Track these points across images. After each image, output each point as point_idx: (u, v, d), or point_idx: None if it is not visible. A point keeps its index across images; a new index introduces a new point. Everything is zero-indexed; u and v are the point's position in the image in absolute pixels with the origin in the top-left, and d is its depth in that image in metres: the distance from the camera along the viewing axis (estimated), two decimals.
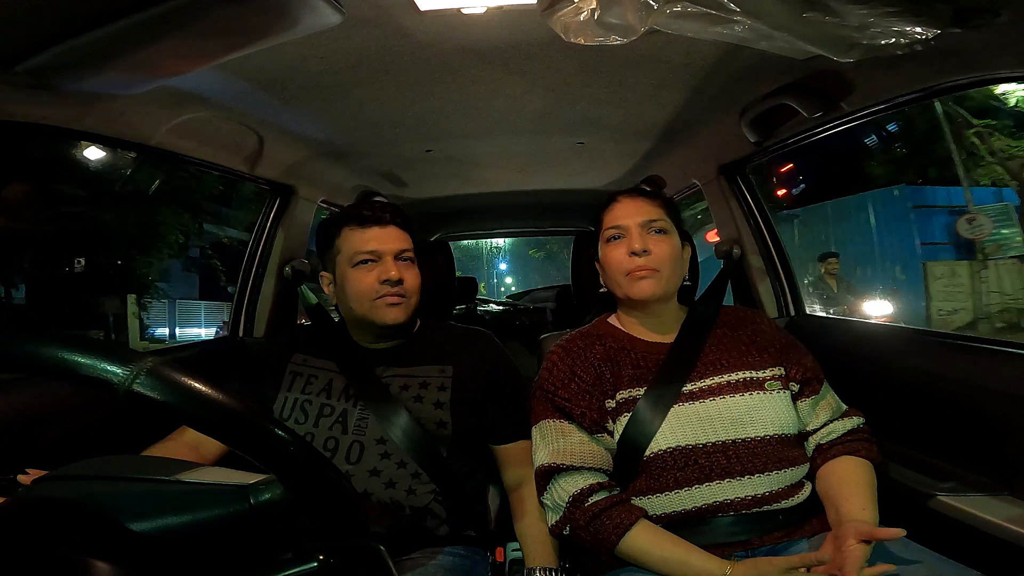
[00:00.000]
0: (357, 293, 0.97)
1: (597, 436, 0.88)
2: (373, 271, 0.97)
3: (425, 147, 1.66)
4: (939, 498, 0.87)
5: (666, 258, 0.93)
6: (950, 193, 7.57)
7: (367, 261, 0.98)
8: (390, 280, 0.96)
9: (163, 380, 0.37)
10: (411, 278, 1.00)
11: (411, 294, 1.00)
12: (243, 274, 1.63)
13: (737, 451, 0.83)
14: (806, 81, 1.11)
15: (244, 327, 1.60)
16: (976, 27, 0.74)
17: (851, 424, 0.90)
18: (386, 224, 1.00)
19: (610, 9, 0.72)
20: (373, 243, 0.98)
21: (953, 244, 7.38)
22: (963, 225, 7.07)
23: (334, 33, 0.89)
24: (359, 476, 0.90)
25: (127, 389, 0.36)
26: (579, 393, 0.91)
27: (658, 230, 0.94)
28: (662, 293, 0.93)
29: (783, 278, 1.59)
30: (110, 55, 0.83)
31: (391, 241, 0.99)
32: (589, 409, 0.89)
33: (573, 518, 0.83)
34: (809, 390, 0.92)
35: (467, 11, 0.88)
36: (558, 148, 1.74)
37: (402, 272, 0.98)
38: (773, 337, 0.96)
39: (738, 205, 1.63)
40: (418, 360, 1.01)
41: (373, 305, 0.97)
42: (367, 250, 0.98)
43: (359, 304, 0.98)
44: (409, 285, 0.99)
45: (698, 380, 0.89)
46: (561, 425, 0.90)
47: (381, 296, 0.96)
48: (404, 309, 0.98)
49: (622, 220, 0.95)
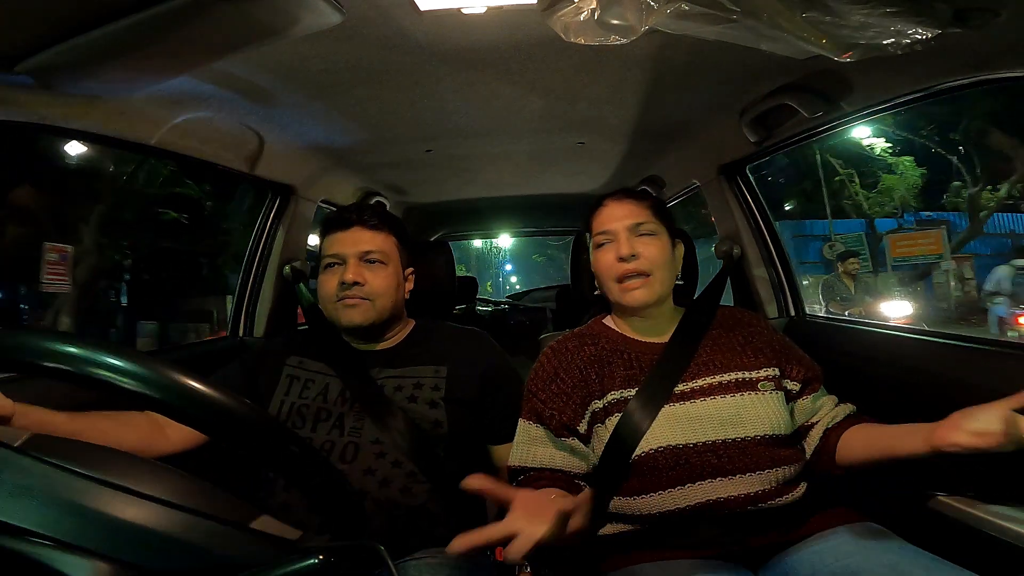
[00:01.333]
0: (322, 296, 1.01)
1: (563, 440, 0.90)
2: (336, 273, 0.99)
3: (425, 147, 1.66)
4: (939, 498, 0.87)
5: (655, 261, 0.93)
6: (825, 224, 12.11)
7: (332, 264, 1.00)
8: (345, 282, 0.97)
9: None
10: (376, 280, 0.99)
11: (376, 296, 0.99)
12: (243, 274, 1.63)
13: (728, 451, 0.83)
14: (806, 81, 1.11)
15: (244, 327, 1.60)
16: (976, 27, 0.74)
17: (848, 409, 0.92)
18: (350, 226, 1.01)
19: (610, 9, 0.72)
20: (336, 246, 1.00)
21: (822, 263, 11.06)
22: (826, 249, 10.62)
23: (334, 33, 0.89)
24: (354, 475, 0.90)
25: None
26: (556, 395, 0.92)
27: (646, 233, 0.94)
28: (654, 299, 0.94)
29: (783, 278, 1.59)
30: (110, 55, 0.83)
31: (355, 244, 1.00)
32: (560, 412, 0.91)
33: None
34: (811, 388, 0.93)
35: (467, 11, 0.88)
36: (558, 148, 1.74)
37: (365, 274, 0.98)
38: (769, 339, 0.96)
39: (738, 205, 1.63)
40: (412, 361, 1.01)
41: (335, 307, 0.99)
42: (331, 253, 1.01)
43: (324, 306, 1.02)
44: (374, 287, 0.99)
45: (691, 380, 0.90)
46: (531, 429, 0.92)
47: (340, 299, 0.98)
48: (363, 311, 0.98)
49: (608, 224, 0.96)
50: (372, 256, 1.01)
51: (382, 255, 1.02)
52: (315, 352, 1.03)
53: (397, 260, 1.05)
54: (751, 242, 1.61)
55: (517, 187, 2.22)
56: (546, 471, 0.89)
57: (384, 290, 1.00)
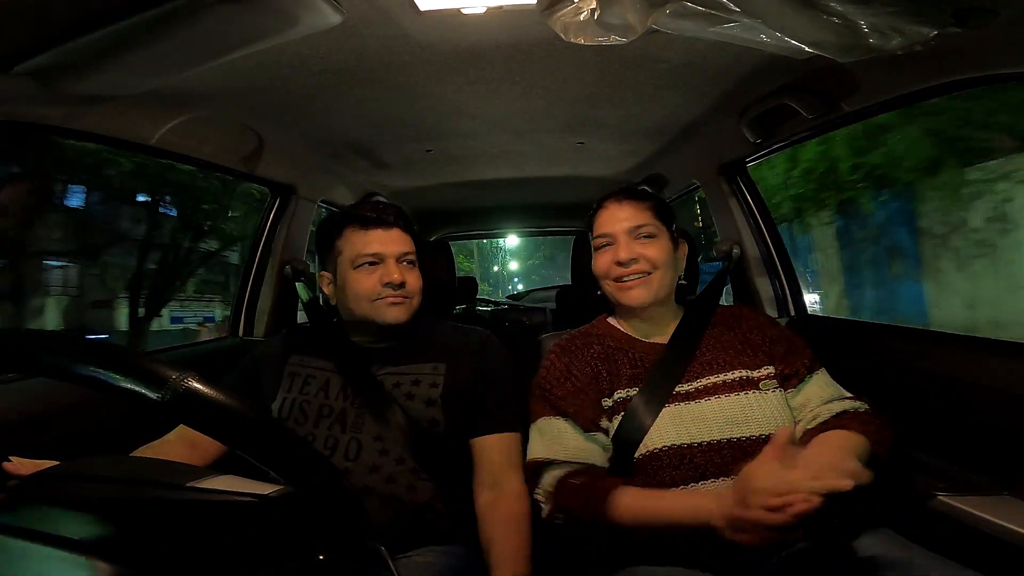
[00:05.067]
0: (357, 294, 0.98)
1: (591, 434, 0.88)
2: (375, 273, 0.98)
3: (425, 147, 1.66)
4: (939, 498, 0.87)
5: (656, 262, 0.93)
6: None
7: (371, 263, 0.98)
8: (392, 283, 0.97)
9: (199, 397, 0.41)
10: (413, 280, 1.01)
11: (413, 295, 1.01)
12: (243, 274, 1.63)
13: (732, 450, 0.83)
14: (806, 81, 1.11)
15: (244, 327, 1.60)
16: (976, 27, 0.74)
17: (844, 406, 0.85)
18: (390, 227, 1.01)
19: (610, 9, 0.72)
20: (375, 245, 0.98)
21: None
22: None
23: (334, 33, 0.89)
24: (358, 473, 0.90)
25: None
26: (574, 392, 0.91)
27: (646, 235, 0.94)
28: (653, 299, 0.93)
29: (784, 278, 1.59)
30: (110, 55, 0.83)
31: (394, 244, 1.00)
32: (583, 407, 0.89)
33: (562, 498, 0.83)
34: (793, 381, 0.90)
35: (467, 11, 0.88)
36: (558, 148, 1.74)
37: (404, 275, 0.99)
38: (766, 333, 0.96)
39: (738, 205, 1.63)
40: (412, 359, 1.01)
41: (373, 305, 0.97)
42: (369, 252, 0.98)
43: (359, 304, 0.99)
44: (411, 287, 1.00)
45: (694, 380, 0.89)
46: (556, 422, 0.90)
47: (382, 297, 0.97)
48: (406, 309, 0.99)
49: (608, 227, 0.96)
50: (409, 257, 1.02)
51: (415, 256, 1.03)
52: (316, 349, 1.03)
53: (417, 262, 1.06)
54: (751, 242, 1.61)
55: (517, 187, 2.22)
56: (578, 465, 0.86)
57: (418, 290, 1.02)
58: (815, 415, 0.86)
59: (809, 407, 0.87)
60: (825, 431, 0.81)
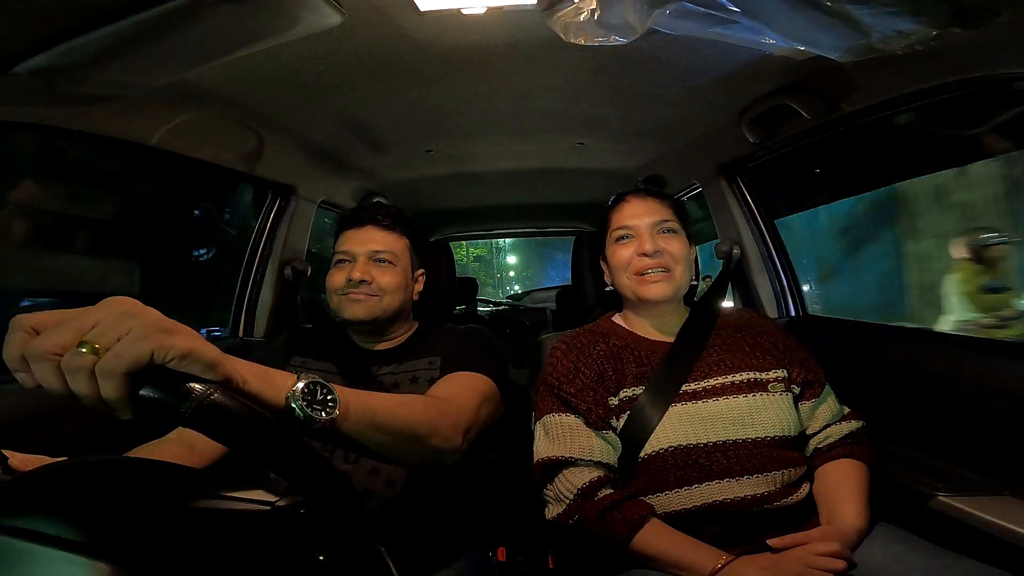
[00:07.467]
0: (328, 289, 1.03)
1: (602, 432, 0.88)
2: (344, 270, 1.01)
3: (425, 147, 1.66)
4: (939, 498, 0.87)
5: (677, 258, 0.93)
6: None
7: (342, 261, 1.03)
8: (351, 280, 0.99)
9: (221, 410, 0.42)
10: (383, 278, 1.01)
11: (383, 292, 1.01)
12: (243, 274, 1.63)
13: (737, 451, 0.83)
14: (806, 81, 1.11)
15: (244, 327, 1.60)
16: (976, 27, 0.74)
17: (849, 428, 0.91)
18: (363, 225, 1.03)
19: (610, 9, 0.72)
20: (348, 243, 1.03)
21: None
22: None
23: (334, 33, 0.89)
24: (359, 475, 0.90)
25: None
26: (584, 388, 0.90)
27: (668, 230, 0.94)
28: (673, 294, 0.93)
29: (784, 278, 1.58)
30: (110, 55, 0.83)
31: (365, 243, 1.02)
32: (595, 404, 0.88)
33: (582, 511, 0.81)
34: (810, 393, 0.92)
35: (467, 11, 0.88)
36: (558, 148, 1.74)
37: (372, 272, 1.00)
38: (776, 339, 0.96)
39: (738, 205, 1.63)
40: (409, 357, 1.02)
41: (339, 300, 1.01)
42: (342, 250, 1.03)
43: (330, 299, 1.04)
44: (379, 285, 1.00)
45: (701, 380, 0.89)
46: (567, 419, 0.89)
47: (346, 293, 1.00)
48: (368, 306, 1.00)
49: (631, 220, 0.95)
50: (381, 256, 1.02)
51: (391, 255, 1.03)
52: (318, 351, 1.04)
53: (407, 261, 1.06)
54: (751, 242, 1.61)
55: (517, 187, 2.22)
56: (592, 465, 0.85)
57: (391, 288, 1.02)
58: (828, 435, 0.91)
59: (819, 421, 0.91)
60: (833, 458, 0.88)
